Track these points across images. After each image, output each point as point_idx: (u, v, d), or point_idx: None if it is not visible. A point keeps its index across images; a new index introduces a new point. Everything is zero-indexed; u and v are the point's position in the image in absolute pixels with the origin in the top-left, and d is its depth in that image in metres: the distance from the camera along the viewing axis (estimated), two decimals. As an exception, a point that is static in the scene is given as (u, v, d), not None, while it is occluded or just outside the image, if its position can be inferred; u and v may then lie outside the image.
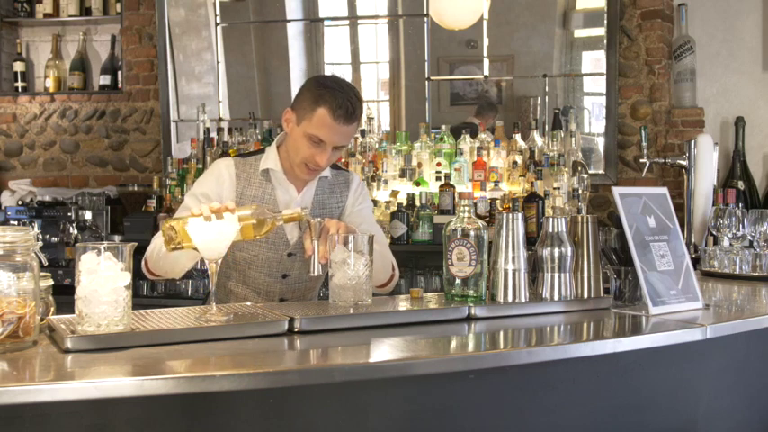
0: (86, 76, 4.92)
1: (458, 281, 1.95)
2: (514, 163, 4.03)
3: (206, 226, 1.74)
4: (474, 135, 4.17)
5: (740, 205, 2.95)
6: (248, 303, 2.00)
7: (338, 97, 2.13)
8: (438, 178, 4.04)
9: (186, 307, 1.87)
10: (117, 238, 4.16)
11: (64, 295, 1.82)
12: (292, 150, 2.25)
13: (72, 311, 1.54)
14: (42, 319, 1.63)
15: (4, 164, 4.95)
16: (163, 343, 1.53)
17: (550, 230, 2.00)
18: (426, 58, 4.51)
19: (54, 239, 4.14)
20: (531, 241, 1.99)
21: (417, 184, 4.05)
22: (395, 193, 4.00)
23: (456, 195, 3.88)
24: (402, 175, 4.07)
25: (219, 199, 2.25)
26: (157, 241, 2.15)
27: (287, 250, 2.34)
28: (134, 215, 4.24)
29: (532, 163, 4.01)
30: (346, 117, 2.14)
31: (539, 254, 2.01)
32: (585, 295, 2.05)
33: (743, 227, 2.85)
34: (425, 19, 4.47)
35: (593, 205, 4.22)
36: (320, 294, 3.78)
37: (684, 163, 3.64)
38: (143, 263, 2.24)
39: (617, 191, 2.06)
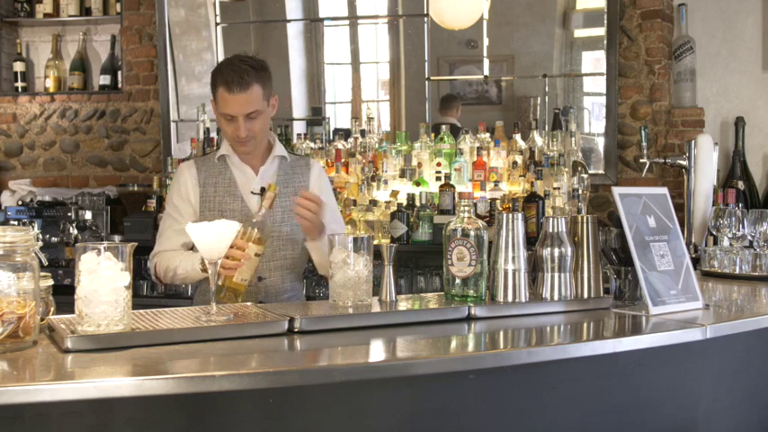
0: (86, 76, 4.92)
1: (458, 281, 1.95)
2: (514, 163, 4.03)
3: (206, 227, 1.74)
4: (453, 132, 4.18)
5: (740, 205, 2.95)
6: (248, 303, 2.00)
7: (226, 71, 2.33)
8: (438, 178, 4.03)
9: (186, 307, 1.87)
10: (117, 238, 4.16)
11: (64, 295, 1.82)
12: (223, 133, 2.45)
13: (72, 311, 1.54)
14: (42, 319, 1.63)
15: (4, 164, 4.95)
16: (163, 343, 1.54)
17: (550, 230, 2.01)
18: (426, 58, 4.51)
19: (54, 239, 4.13)
20: (531, 241, 1.99)
21: (417, 184, 4.05)
22: (395, 193, 4.00)
23: (456, 195, 3.87)
24: (402, 175, 4.07)
25: (188, 199, 2.46)
26: (170, 264, 2.37)
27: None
28: (134, 215, 4.24)
29: (532, 163, 4.01)
30: (240, 85, 2.30)
31: (539, 254, 2.01)
32: (585, 295, 2.05)
33: (743, 227, 2.85)
34: (425, 19, 4.47)
35: (593, 205, 4.22)
36: (320, 294, 3.79)
37: (684, 163, 3.64)
38: (152, 268, 2.46)
39: (617, 191, 2.06)
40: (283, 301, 2.43)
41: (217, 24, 4.76)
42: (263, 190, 2.40)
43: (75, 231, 4.17)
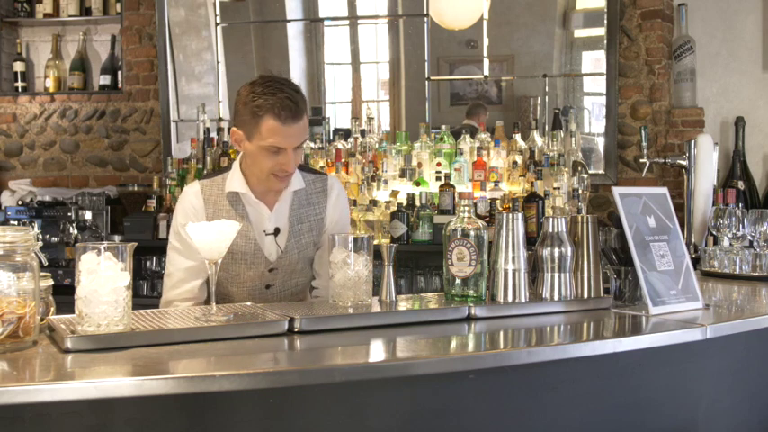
0: (86, 76, 4.92)
1: (458, 281, 1.95)
2: (514, 163, 4.03)
3: (206, 227, 1.75)
4: (473, 136, 4.18)
5: (740, 205, 2.95)
6: (248, 303, 2.00)
7: (274, 99, 2.07)
8: (438, 178, 4.03)
9: (186, 307, 1.87)
10: (117, 238, 4.16)
11: (64, 295, 1.82)
12: (255, 167, 2.19)
13: (72, 311, 1.54)
14: (42, 319, 1.63)
15: (4, 164, 4.95)
16: (163, 343, 1.54)
17: (550, 230, 2.00)
18: (426, 58, 4.51)
19: (54, 239, 4.13)
20: (531, 241, 1.99)
21: (417, 184, 4.05)
22: (395, 193, 4.00)
23: (456, 195, 3.87)
24: (402, 175, 4.07)
25: None
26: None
27: (268, 267, 2.30)
28: (134, 215, 4.24)
29: (532, 163, 4.01)
30: (293, 116, 2.08)
31: (539, 254, 2.01)
32: (585, 295, 2.05)
33: (743, 227, 2.85)
34: (425, 19, 4.47)
35: (593, 205, 4.22)
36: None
37: (684, 163, 3.64)
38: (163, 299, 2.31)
39: (617, 191, 2.06)
40: None
41: (217, 24, 4.76)
42: (277, 230, 2.28)
43: (75, 231, 4.17)
